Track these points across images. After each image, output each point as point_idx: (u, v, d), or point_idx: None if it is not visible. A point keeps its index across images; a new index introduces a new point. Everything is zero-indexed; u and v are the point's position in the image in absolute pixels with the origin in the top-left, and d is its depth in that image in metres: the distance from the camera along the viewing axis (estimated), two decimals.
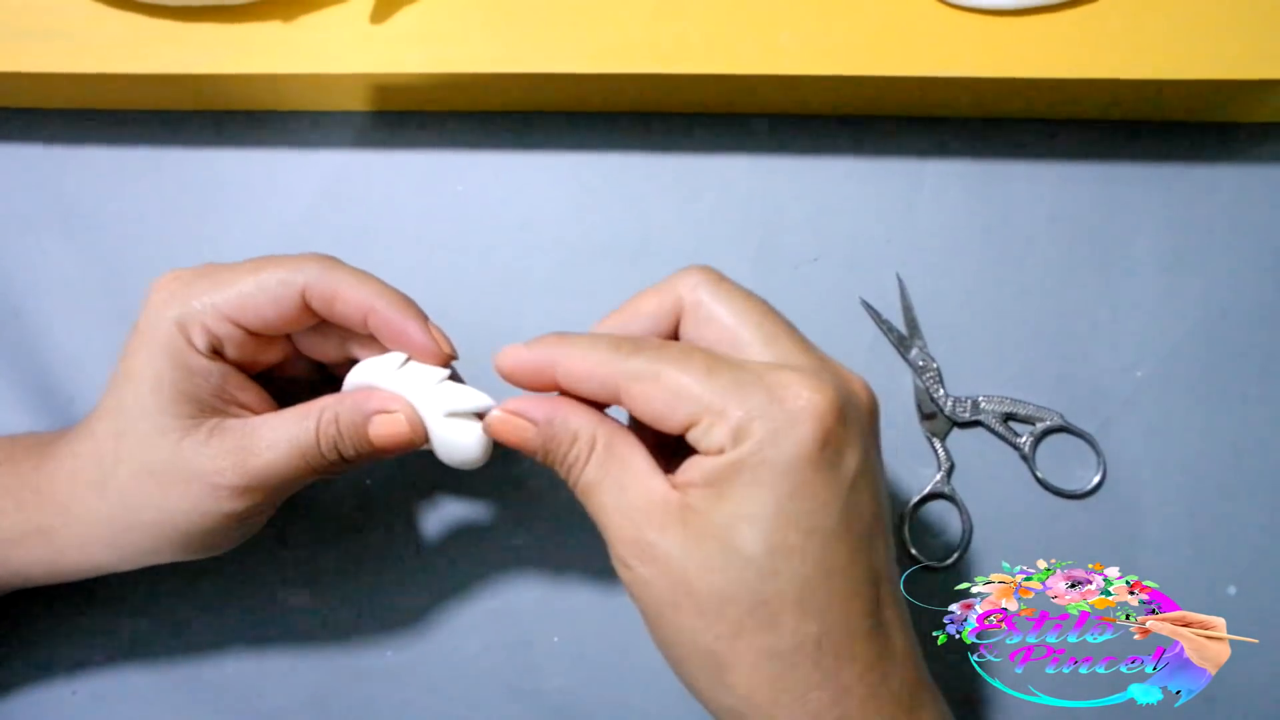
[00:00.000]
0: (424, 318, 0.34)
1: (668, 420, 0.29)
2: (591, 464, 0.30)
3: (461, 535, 0.41)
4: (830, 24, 0.39)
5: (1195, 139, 0.43)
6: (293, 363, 0.37)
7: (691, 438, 0.29)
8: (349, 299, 0.33)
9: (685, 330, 0.31)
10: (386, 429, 0.33)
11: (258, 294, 0.33)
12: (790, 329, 0.31)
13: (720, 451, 0.28)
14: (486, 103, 0.43)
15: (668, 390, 0.29)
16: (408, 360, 0.34)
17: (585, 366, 0.30)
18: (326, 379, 0.38)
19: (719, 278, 0.31)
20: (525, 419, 0.31)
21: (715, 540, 0.28)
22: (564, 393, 0.31)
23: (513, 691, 0.40)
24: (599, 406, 0.31)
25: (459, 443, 0.33)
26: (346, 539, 0.41)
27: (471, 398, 0.33)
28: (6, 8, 0.39)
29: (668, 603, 0.29)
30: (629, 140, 0.44)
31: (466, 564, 0.41)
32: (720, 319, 0.31)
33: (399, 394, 0.33)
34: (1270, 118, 0.43)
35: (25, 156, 0.44)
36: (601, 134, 0.44)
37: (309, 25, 0.39)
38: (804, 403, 0.28)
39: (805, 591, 0.28)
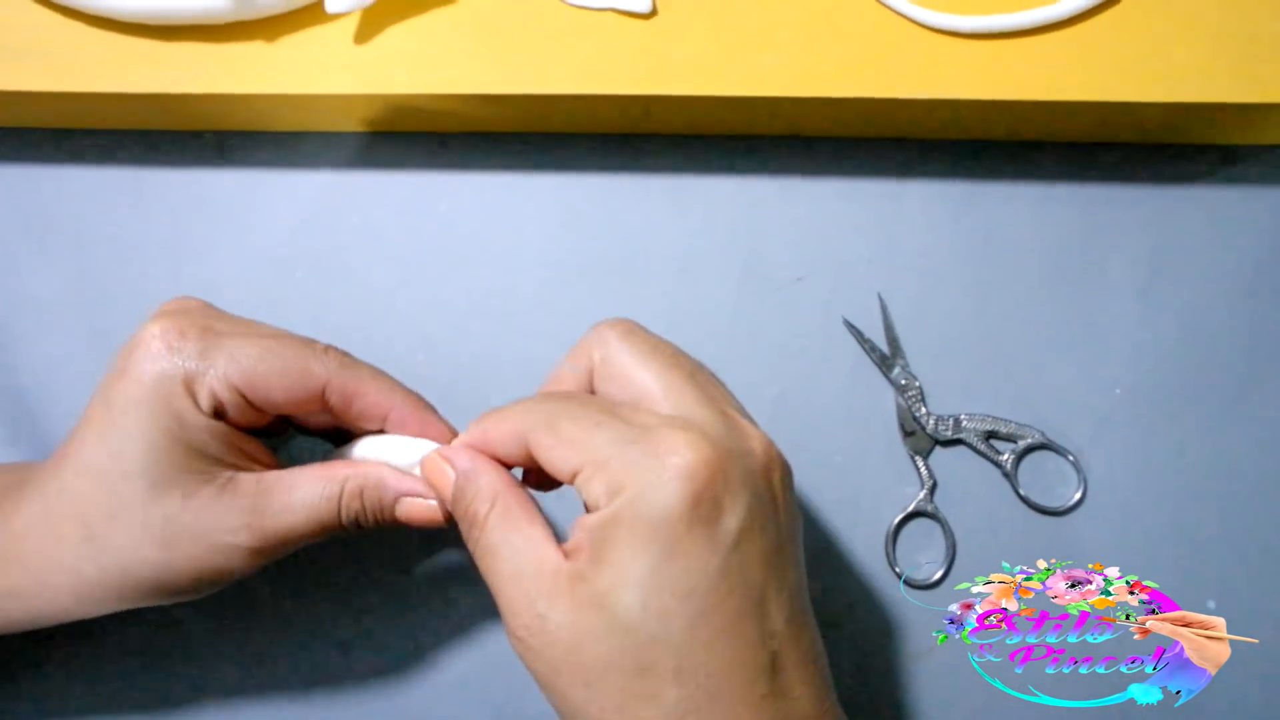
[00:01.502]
0: (442, 419, 0.34)
1: (559, 469, 0.29)
2: (489, 524, 0.30)
3: (448, 554, 0.41)
4: (812, 47, 0.39)
5: (1172, 161, 0.44)
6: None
7: (577, 487, 0.29)
8: (369, 399, 0.33)
9: (596, 384, 0.32)
10: (418, 513, 0.33)
11: (272, 377, 0.32)
12: (694, 379, 0.30)
13: (597, 506, 0.28)
14: (471, 123, 0.43)
15: (560, 440, 0.29)
16: (436, 450, 0.33)
17: (504, 427, 0.31)
18: (298, 424, 0.37)
19: (630, 328, 0.32)
20: (450, 464, 0.31)
21: (597, 607, 0.27)
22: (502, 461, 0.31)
23: (500, 712, 0.40)
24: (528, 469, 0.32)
25: None
26: (333, 561, 0.41)
27: None
28: None
29: (557, 673, 0.28)
30: (613, 161, 0.44)
31: (453, 583, 0.41)
32: (625, 371, 0.31)
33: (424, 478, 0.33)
34: (1245, 140, 0.44)
35: (3, 176, 0.43)
36: (586, 155, 0.44)
37: (292, 45, 0.39)
38: (677, 459, 0.27)
39: (684, 659, 0.27)
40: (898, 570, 0.41)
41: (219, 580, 0.32)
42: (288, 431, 0.38)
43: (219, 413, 0.32)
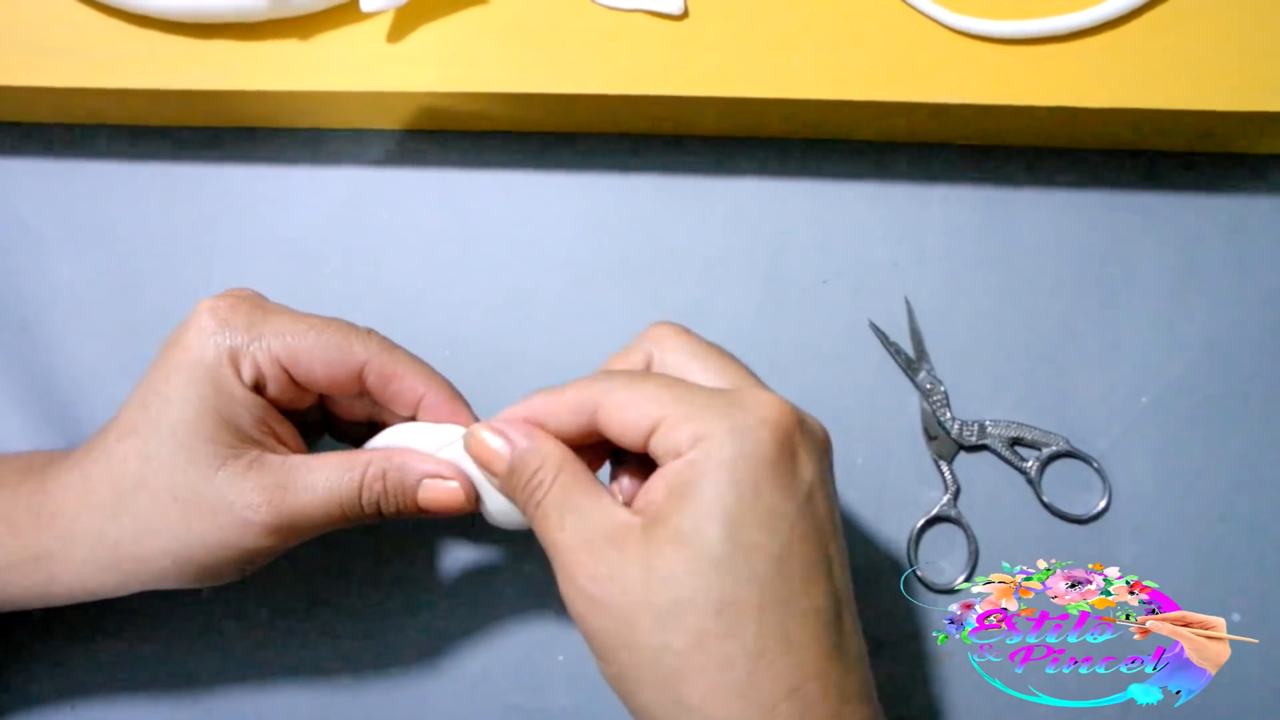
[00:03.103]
0: (472, 411, 0.35)
1: (634, 429, 0.30)
2: (555, 489, 0.31)
3: (466, 554, 0.41)
4: (841, 50, 0.39)
5: (1199, 169, 0.44)
6: (309, 408, 0.37)
7: (654, 443, 0.30)
8: (405, 383, 0.34)
9: None
10: (439, 495, 0.33)
11: (315, 352, 0.33)
12: (748, 373, 0.32)
13: (679, 454, 0.29)
14: (499, 122, 0.43)
15: (636, 399, 0.30)
16: (462, 435, 0.34)
17: (564, 398, 0.31)
18: (330, 427, 0.38)
19: (682, 331, 0.33)
20: (505, 438, 0.32)
21: (678, 545, 0.28)
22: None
23: (515, 711, 0.40)
24: (578, 445, 0.32)
25: (511, 509, 0.34)
26: (351, 559, 0.41)
27: None
28: (24, 23, 0.40)
29: (624, 623, 0.29)
30: (640, 162, 0.44)
31: (470, 582, 0.41)
32: (684, 365, 0.32)
33: (451, 460, 0.34)
34: (1273, 149, 0.43)
35: (38, 170, 0.44)
36: (613, 155, 0.44)
37: (325, 43, 0.40)
38: (762, 410, 0.29)
39: (767, 595, 0.28)
40: (919, 573, 0.41)
41: (234, 559, 0.33)
42: (322, 436, 0.38)
43: (259, 387, 0.33)
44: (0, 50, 0.39)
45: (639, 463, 0.32)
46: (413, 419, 0.35)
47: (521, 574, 0.41)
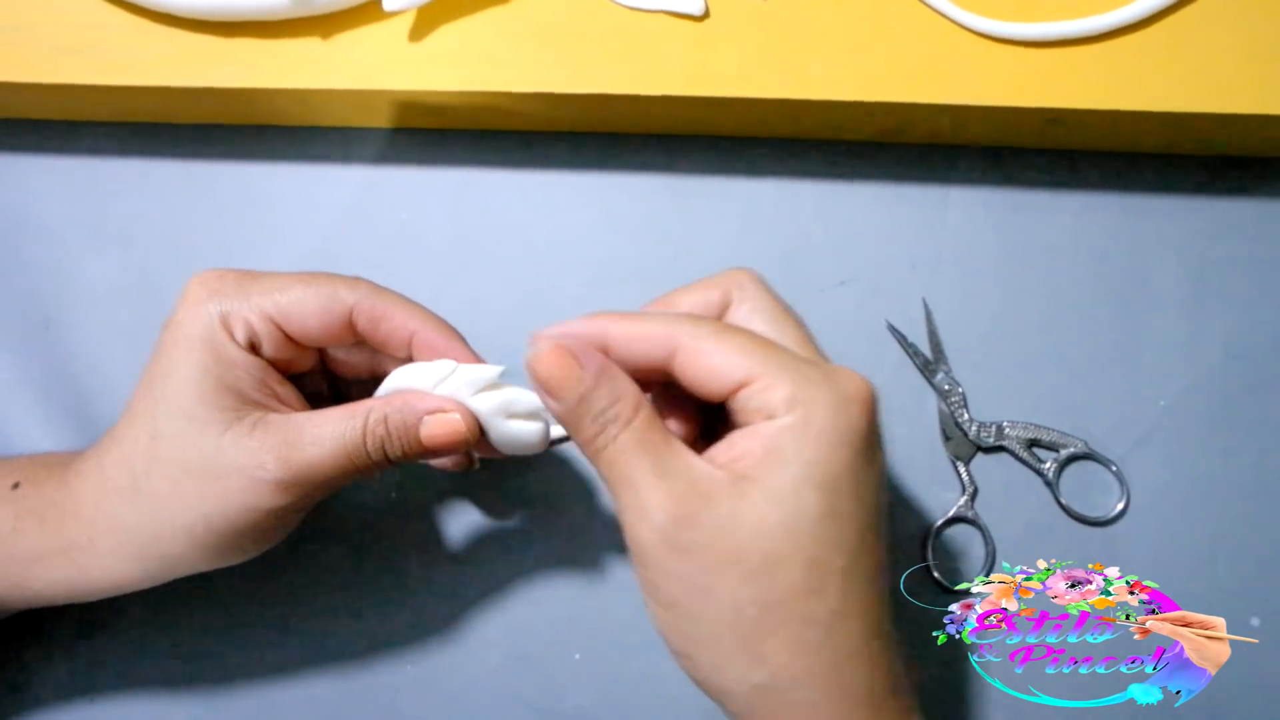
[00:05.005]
0: (468, 346, 0.35)
1: (720, 379, 0.29)
2: (631, 430, 0.29)
3: (484, 549, 0.41)
4: (861, 51, 0.39)
5: (1217, 172, 0.44)
6: (313, 376, 0.37)
7: (742, 398, 0.29)
8: (396, 321, 0.34)
9: (732, 317, 0.33)
10: (441, 429, 0.33)
11: (305, 303, 0.33)
12: (813, 339, 0.33)
13: (771, 416, 0.29)
14: (518, 122, 0.43)
15: (726, 350, 0.29)
16: (457, 368, 0.34)
17: (641, 329, 0.30)
18: (338, 397, 0.38)
19: (764, 284, 0.33)
20: (577, 361, 0.30)
21: (774, 504, 0.28)
22: None
23: (531, 708, 0.40)
24: (644, 381, 0.31)
25: (517, 435, 0.34)
26: (368, 552, 0.41)
27: (531, 399, 0.33)
28: (47, 21, 0.40)
29: (709, 571, 0.29)
30: (657, 162, 0.44)
31: (488, 578, 0.41)
32: (768, 315, 0.32)
33: (449, 395, 0.33)
34: None
35: (58, 168, 0.44)
36: (630, 156, 0.44)
37: (346, 42, 0.40)
38: (855, 387, 0.29)
39: (851, 561, 0.29)
40: (936, 576, 0.41)
41: (251, 525, 0.32)
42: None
43: (255, 347, 0.33)
44: (23, 48, 0.40)
45: (681, 406, 0.33)
46: (410, 360, 0.35)
47: (538, 572, 0.41)
